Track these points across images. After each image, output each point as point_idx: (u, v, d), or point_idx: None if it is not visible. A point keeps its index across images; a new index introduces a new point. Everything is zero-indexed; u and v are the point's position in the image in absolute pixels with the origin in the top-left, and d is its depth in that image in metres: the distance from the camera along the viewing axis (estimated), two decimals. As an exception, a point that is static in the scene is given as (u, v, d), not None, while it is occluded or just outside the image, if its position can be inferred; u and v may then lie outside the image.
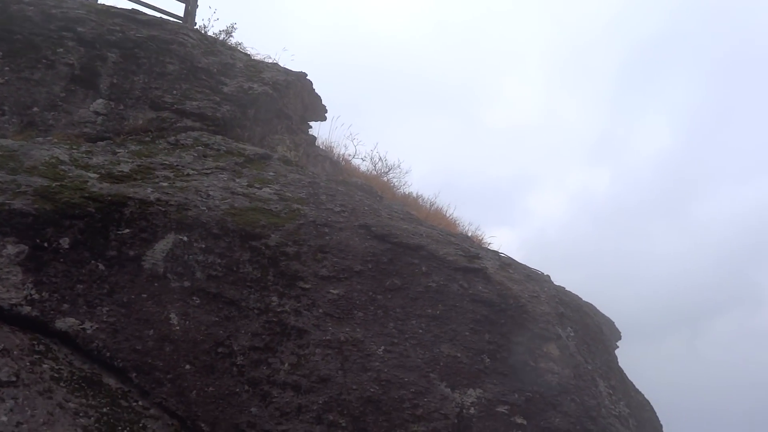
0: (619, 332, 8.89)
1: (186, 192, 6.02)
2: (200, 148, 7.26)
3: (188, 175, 6.52)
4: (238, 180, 6.68)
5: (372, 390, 5.17)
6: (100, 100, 7.63)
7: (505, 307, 5.88)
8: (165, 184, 6.13)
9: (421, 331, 5.61)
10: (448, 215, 12.65)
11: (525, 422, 5.23)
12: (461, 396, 5.28)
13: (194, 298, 5.37)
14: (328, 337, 5.39)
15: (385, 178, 13.75)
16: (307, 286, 5.64)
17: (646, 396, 7.84)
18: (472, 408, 5.24)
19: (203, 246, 5.58)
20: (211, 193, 6.14)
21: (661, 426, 7.26)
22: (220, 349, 5.22)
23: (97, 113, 7.51)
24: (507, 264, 6.99)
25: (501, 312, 5.85)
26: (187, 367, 5.11)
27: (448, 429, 5.08)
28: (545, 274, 8.02)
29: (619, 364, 7.84)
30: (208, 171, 6.72)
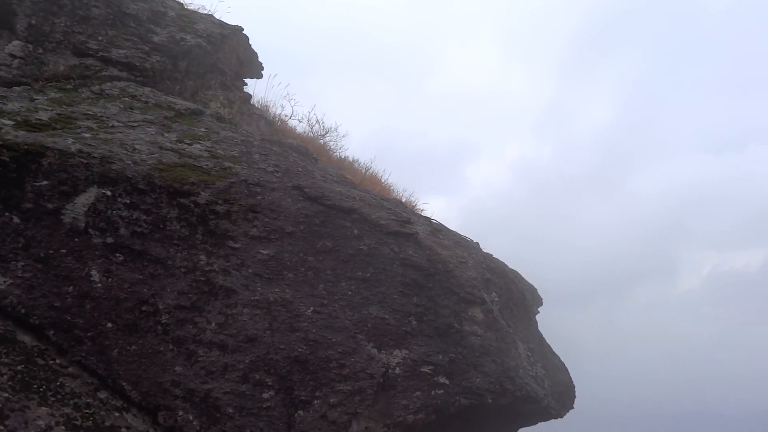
0: (541, 298, 9.29)
1: (110, 144, 5.75)
2: (127, 99, 6.93)
3: (113, 126, 6.23)
4: (166, 135, 6.44)
5: (300, 350, 5.21)
6: (16, 42, 7.12)
7: (434, 272, 6.02)
8: (87, 135, 5.83)
9: (350, 293, 5.67)
10: (383, 180, 12.68)
11: (447, 382, 5.43)
12: (387, 356, 5.41)
13: (117, 254, 5.19)
14: (256, 297, 5.37)
15: (321, 141, 13.57)
16: (236, 246, 5.56)
17: (563, 358, 8.28)
18: (398, 368, 5.38)
19: (128, 201, 5.38)
20: (137, 146, 5.90)
21: (573, 386, 7.70)
22: (144, 308, 5.10)
23: (12, 56, 7.01)
24: (437, 230, 7.13)
25: (429, 276, 5.99)
26: (109, 325, 4.98)
27: (373, 388, 5.21)
28: (474, 241, 8.24)
29: (539, 328, 8.23)
30: (135, 124, 6.43)
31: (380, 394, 5.25)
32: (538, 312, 8.62)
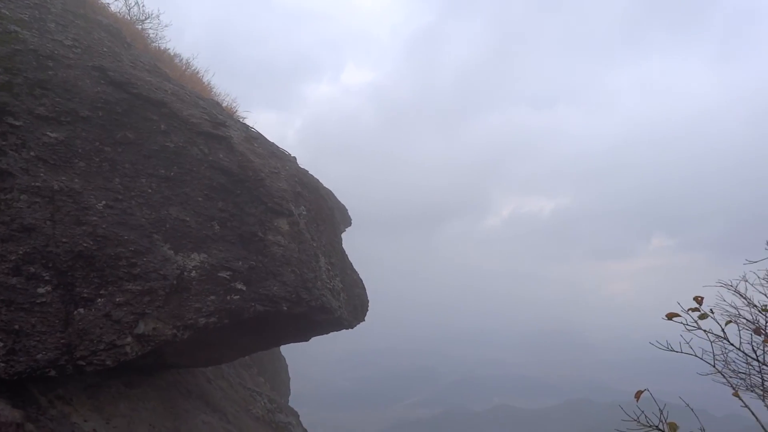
0: (350, 218, 9.65)
1: None
2: None
3: None
4: (-67, -21, 5.32)
5: (85, 245, 4.83)
6: None
7: (244, 179, 5.89)
8: None
9: (150, 190, 5.34)
10: (204, 80, 11.91)
11: (245, 288, 5.45)
12: (184, 259, 5.25)
13: None
14: (38, 184, 4.81)
15: (139, 26, 12.22)
16: (18, 123, 4.89)
17: (374, 279, 8.76)
18: (194, 271, 5.26)
19: None
20: None
21: (367, 301, 8.21)
22: None
23: None
24: (254, 137, 6.94)
25: (239, 182, 5.85)
26: None
27: (165, 289, 5.05)
28: (293, 155, 8.19)
29: (343, 246, 8.56)
30: None
31: (172, 296, 5.11)
32: (345, 230, 8.95)
